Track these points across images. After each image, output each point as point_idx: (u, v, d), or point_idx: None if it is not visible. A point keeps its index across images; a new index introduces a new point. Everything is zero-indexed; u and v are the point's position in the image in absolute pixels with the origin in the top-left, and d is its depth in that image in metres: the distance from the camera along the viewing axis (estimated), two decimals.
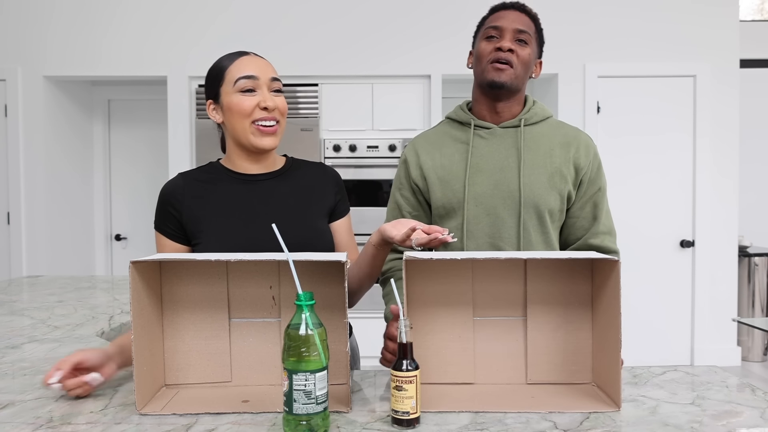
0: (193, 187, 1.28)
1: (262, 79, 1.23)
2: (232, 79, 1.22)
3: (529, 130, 1.41)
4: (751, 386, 1.11)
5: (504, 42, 1.34)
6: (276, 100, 1.24)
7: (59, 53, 3.86)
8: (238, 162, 1.30)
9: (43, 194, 3.89)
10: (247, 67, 1.23)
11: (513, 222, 1.36)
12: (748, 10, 4.80)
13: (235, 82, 1.22)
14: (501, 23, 1.36)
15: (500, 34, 1.36)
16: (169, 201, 1.27)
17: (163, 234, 1.28)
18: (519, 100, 1.43)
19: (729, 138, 3.91)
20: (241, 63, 1.24)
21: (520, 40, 1.36)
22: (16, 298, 2.17)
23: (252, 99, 1.22)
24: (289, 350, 0.89)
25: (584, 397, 1.05)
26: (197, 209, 1.26)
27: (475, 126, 1.42)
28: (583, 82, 3.88)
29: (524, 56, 1.36)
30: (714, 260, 3.92)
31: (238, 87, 1.22)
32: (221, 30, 3.85)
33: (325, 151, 3.84)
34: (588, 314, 1.13)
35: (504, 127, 1.41)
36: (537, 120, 1.42)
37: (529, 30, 1.37)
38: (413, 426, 0.92)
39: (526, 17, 1.38)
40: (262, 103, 1.22)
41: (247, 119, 1.22)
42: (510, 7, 1.39)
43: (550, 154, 1.38)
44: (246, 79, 1.21)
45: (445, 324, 1.13)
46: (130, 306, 0.98)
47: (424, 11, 3.84)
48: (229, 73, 1.23)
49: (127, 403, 1.02)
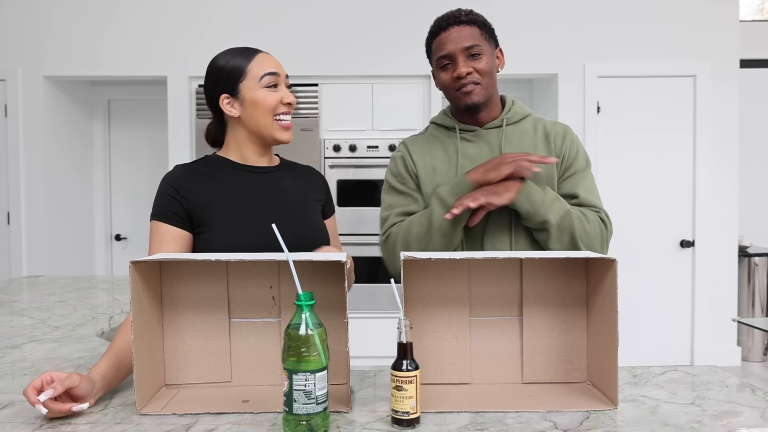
0: (198, 177, 1.28)
1: (281, 75, 1.30)
2: (257, 75, 1.27)
3: (511, 128, 1.44)
4: (751, 386, 1.11)
5: (459, 69, 1.35)
6: (291, 97, 1.31)
7: (59, 53, 3.86)
8: (247, 154, 1.32)
9: (43, 194, 3.89)
10: (270, 64, 1.29)
11: (504, 220, 1.39)
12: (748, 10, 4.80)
13: (260, 78, 1.26)
14: (448, 49, 1.36)
15: (452, 59, 1.37)
16: (173, 187, 1.25)
17: (165, 221, 1.24)
18: (495, 102, 1.46)
19: (729, 138, 3.91)
20: (264, 60, 1.29)
21: (473, 54, 1.36)
22: (16, 298, 2.17)
23: (276, 95, 1.28)
24: (289, 350, 0.89)
25: (581, 395, 1.05)
26: (203, 198, 1.26)
27: (460, 129, 1.46)
28: (583, 82, 3.88)
29: (483, 68, 1.36)
30: (714, 260, 3.92)
31: (264, 83, 1.27)
32: (221, 30, 3.85)
33: (325, 151, 3.84)
34: (583, 313, 1.13)
35: (488, 128, 1.44)
36: (518, 119, 1.46)
37: (476, 40, 1.36)
38: (413, 426, 0.92)
39: (466, 28, 1.37)
40: (285, 98, 1.28)
41: (271, 114, 1.27)
42: (447, 26, 1.37)
43: (534, 149, 1.42)
44: (271, 75, 1.27)
45: (442, 324, 1.13)
46: (130, 306, 0.98)
47: (424, 11, 3.84)
48: (251, 69, 1.27)
49: (127, 403, 1.02)
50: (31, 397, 0.92)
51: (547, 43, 3.88)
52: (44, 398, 0.90)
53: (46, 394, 0.91)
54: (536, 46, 3.87)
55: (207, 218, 1.24)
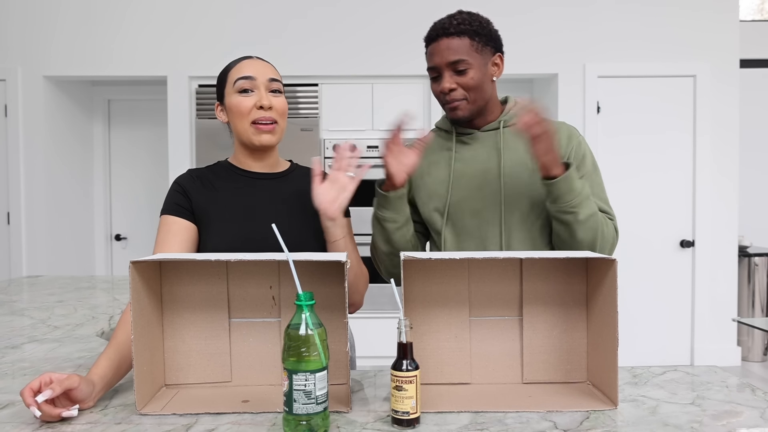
0: (202, 181, 1.33)
1: (260, 79, 1.27)
2: (232, 80, 1.28)
3: (509, 130, 1.41)
4: (751, 386, 1.11)
5: (444, 84, 1.33)
6: (273, 99, 1.28)
7: (59, 53, 3.86)
8: (243, 160, 1.35)
9: (43, 194, 3.89)
10: (246, 69, 1.28)
11: (496, 222, 1.39)
12: (748, 10, 4.80)
13: (234, 83, 1.27)
14: (435, 61, 1.33)
15: (439, 72, 1.34)
16: (182, 186, 1.31)
17: (173, 214, 1.28)
18: (491, 107, 1.41)
19: (729, 138, 3.91)
20: (242, 65, 1.30)
21: (458, 70, 1.32)
22: (16, 298, 2.17)
23: (249, 99, 1.27)
24: (289, 350, 0.89)
25: (581, 395, 1.05)
26: (204, 202, 1.29)
27: (458, 133, 1.45)
28: (583, 82, 3.88)
29: (468, 83, 1.32)
30: (714, 260, 3.92)
31: (236, 87, 1.27)
32: (221, 30, 3.85)
33: (325, 151, 3.84)
34: (583, 313, 1.13)
35: (485, 130, 1.42)
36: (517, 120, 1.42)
37: (462, 54, 1.31)
38: (413, 426, 0.92)
39: (455, 40, 1.31)
40: (258, 102, 1.26)
41: (246, 119, 1.27)
42: (437, 37, 1.33)
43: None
44: (243, 79, 1.27)
45: (442, 324, 1.13)
46: (131, 306, 0.98)
47: (425, 11, 3.84)
48: (230, 75, 1.29)
49: (127, 403, 1.02)
50: (27, 399, 0.91)
51: (547, 43, 3.88)
52: (41, 399, 0.90)
53: (44, 395, 0.90)
54: (536, 46, 3.87)
55: (205, 221, 1.28)
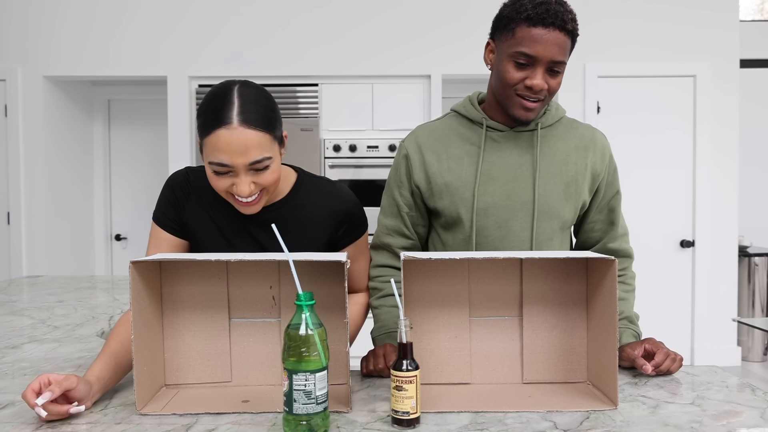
0: (199, 188, 1.24)
1: (239, 165, 1.07)
2: (207, 156, 1.09)
3: (544, 133, 1.29)
4: (751, 386, 1.11)
5: (536, 79, 1.16)
6: (257, 178, 1.11)
7: (59, 53, 3.86)
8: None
9: (43, 194, 3.89)
10: (220, 153, 1.07)
11: (526, 236, 1.26)
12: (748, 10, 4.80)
13: (209, 163, 1.09)
14: (536, 51, 1.14)
15: (533, 63, 1.16)
16: (174, 192, 1.24)
17: (162, 227, 1.24)
18: None
19: (729, 138, 3.91)
20: (217, 144, 1.06)
21: (554, 70, 1.17)
22: (16, 298, 2.17)
23: (224, 182, 1.11)
24: (289, 350, 0.89)
25: (581, 395, 1.05)
26: (198, 212, 1.24)
27: (488, 127, 1.28)
28: (583, 82, 3.88)
29: (554, 86, 1.19)
30: (714, 260, 3.92)
31: (211, 168, 1.10)
32: (221, 30, 3.85)
33: (325, 151, 3.84)
34: (583, 313, 1.13)
35: (519, 130, 1.28)
36: (553, 122, 1.30)
37: (565, 55, 1.17)
38: (413, 426, 0.92)
39: (563, 36, 1.15)
40: (233, 189, 1.11)
41: (223, 193, 1.14)
42: (550, 24, 1.13)
43: (566, 161, 1.27)
44: (219, 166, 1.08)
45: (442, 324, 1.13)
46: (130, 306, 0.98)
47: (425, 11, 3.84)
48: (206, 145, 1.09)
49: (127, 403, 1.02)
50: (30, 400, 0.91)
51: None
52: (42, 401, 0.90)
53: (43, 397, 0.90)
54: None
55: (194, 233, 1.25)
